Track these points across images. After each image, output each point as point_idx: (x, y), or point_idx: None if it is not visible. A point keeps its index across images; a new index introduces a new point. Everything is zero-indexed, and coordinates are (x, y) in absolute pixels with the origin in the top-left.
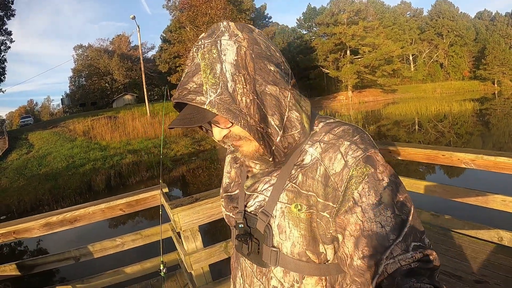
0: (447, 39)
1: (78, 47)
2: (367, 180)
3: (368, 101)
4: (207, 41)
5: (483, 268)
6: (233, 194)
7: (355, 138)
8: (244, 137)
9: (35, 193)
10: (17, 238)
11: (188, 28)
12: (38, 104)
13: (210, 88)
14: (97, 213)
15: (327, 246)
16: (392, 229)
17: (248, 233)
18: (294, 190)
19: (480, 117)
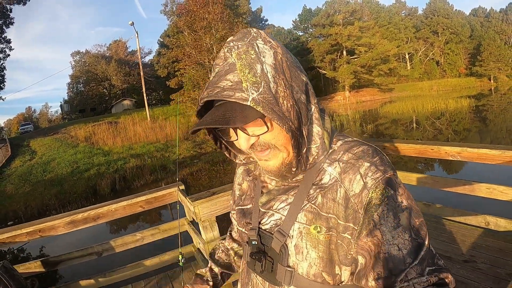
0: (443, 36)
1: (76, 53)
2: (386, 202)
3: (365, 100)
4: (241, 43)
5: (471, 249)
6: (245, 208)
7: (374, 159)
8: (273, 146)
9: (41, 199)
10: (43, 236)
11: (186, 33)
12: (36, 111)
13: (251, 86)
14: (118, 210)
15: (344, 267)
16: (409, 253)
17: (262, 251)
18: (313, 211)
19: (477, 113)
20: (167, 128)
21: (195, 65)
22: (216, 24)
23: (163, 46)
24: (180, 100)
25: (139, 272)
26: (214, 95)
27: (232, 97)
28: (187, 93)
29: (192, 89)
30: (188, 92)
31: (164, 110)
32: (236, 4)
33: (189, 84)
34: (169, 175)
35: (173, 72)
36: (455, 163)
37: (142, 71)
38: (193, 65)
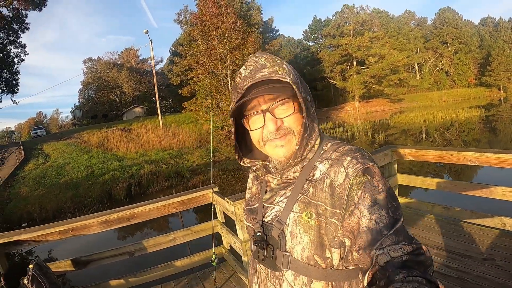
0: (452, 47)
1: (88, 60)
2: (364, 186)
3: (375, 111)
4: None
5: (490, 249)
6: (253, 207)
7: (356, 154)
8: (292, 131)
9: (56, 202)
10: (75, 235)
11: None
12: (47, 116)
13: (284, 73)
14: (153, 211)
15: (334, 250)
16: (385, 226)
17: (264, 240)
18: (305, 201)
19: (487, 124)
20: (180, 135)
21: (208, 74)
22: (230, 34)
23: (175, 54)
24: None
25: (169, 272)
26: (257, 79)
27: (274, 76)
28: (199, 101)
29: (205, 98)
30: (201, 101)
31: (176, 118)
32: (249, 14)
33: (202, 93)
34: (184, 182)
35: (186, 81)
36: (473, 168)
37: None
38: (206, 73)
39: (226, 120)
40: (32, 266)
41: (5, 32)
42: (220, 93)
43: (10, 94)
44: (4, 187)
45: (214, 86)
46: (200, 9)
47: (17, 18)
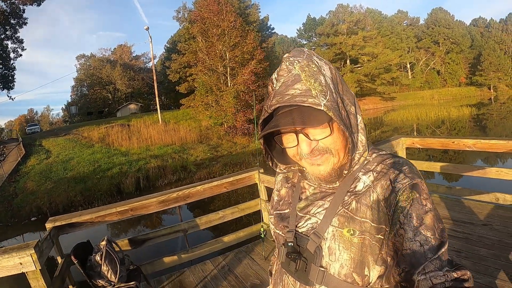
0: (444, 46)
1: (81, 56)
2: (411, 204)
3: (368, 109)
4: (300, 58)
5: (487, 218)
6: (283, 213)
7: (404, 168)
8: (329, 151)
9: (66, 195)
10: (134, 215)
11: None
12: (38, 113)
13: (319, 93)
14: (207, 190)
15: (374, 267)
16: (430, 249)
17: (297, 252)
18: (346, 215)
19: (477, 122)
20: (180, 131)
21: (207, 70)
22: (230, 32)
23: (170, 51)
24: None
25: (217, 248)
26: (286, 101)
27: (305, 102)
28: (198, 98)
29: (205, 94)
30: (201, 97)
31: (174, 114)
32: (247, 12)
33: (202, 89)
34: (191, 175)
35: (184, 77)
36: (471, 153)
37: (146, 75)
38: (206, 70)
39: (226, 117)
40: (104, 243)
41: (2, 27)
42: (220, 90)
43: (6, 90)
44: (8, 182)
45: (214, 83)
46: (198, 7)
47: (14, 13)
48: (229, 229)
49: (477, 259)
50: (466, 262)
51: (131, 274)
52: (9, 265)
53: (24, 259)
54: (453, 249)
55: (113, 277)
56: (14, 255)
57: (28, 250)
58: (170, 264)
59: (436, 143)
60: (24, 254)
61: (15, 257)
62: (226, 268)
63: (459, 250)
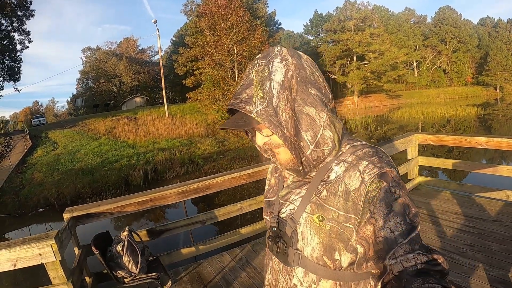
0: (450, 45)
1: (87, 49)
2: (379, 193)
3: (373, 106)
4: (262, 61)
5: (498, 214)
6: (270, 200)
7: (373, 158)
8: (282, 145)
9: (74, 187)
10: (153, 206)
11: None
12: (43, 105)
13: (259, 100)
14: (226, 182)
15: (345, 254)
16: (401, 234)
17: (278, 236)
18: (317, 202)
19: (482, 122)
20: (187, 125)
21: (215, 64)
22: (238, 26)
23: (176, 45)
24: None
25: (234, 240)
26: (235, 105)
27: (243, 108)
28: (205, 91)
29: (212, 88)
30: (208, 91)
31: (180, 107)
32: (255, 7)
33: (209, 83)
34: (198, 168)
35: (191, 71)
36: (482, 151)
37: (151, 69)
38: (214, 64)
39: None
40: (126, 233)
41: (9, 18)
42: (227, 84)
43: (13, 81)
44: (15, 173)
45: (221, 77)
46: (207, 1)
47: (21, 5)
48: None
49: (489, 253)
50: (479, 256)
51: (150, 265)
52: (27, 256)
53: (43, 250)
54: (466, 243)
55: (134, 268)
56: (33, 246)
57: (48, 240)
58: (188, 255)
59: (448, 140)
60: (44, 245)
61: (34, 248)
62: (244, 259)
63: (471, 244)
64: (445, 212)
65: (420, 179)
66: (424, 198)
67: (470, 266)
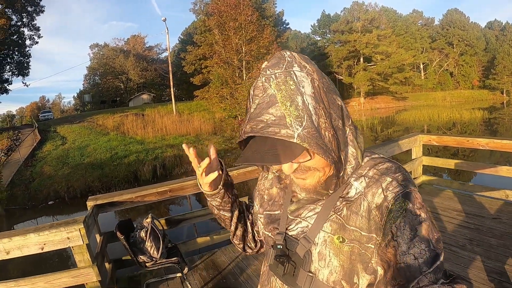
0: (458, 48)
1: (94, 45)
2: (404, 215)
3: (379, 107)
4: (278, 71)
5: (497, 212)
6: (273, 214)
7: (396, 175)
8: (313, 168)
9: (84, 180)
10: (172, 196)
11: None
12: (49, 100)
13: (295, 120)
14: (241, 175)
15: (364, 276)
16: (425, 262)
17: (286, 255)
18: (338, 222)
19: (488, 126)
20: (195, 122)
21: (223, 63)
22: (247, 26)
23: (184, 43)
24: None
25: None
26: (259, 131)
27: (277, 134)
28: (213, 90)
29: (220, 87)
30: (216, 90)
31: (187, 105)
32: (263, 7)
33: (217, 82)
34: None
35: (199, 69)
36: (484, 152)
37: (159, 66)
38: (222, 63)
39: (241, 109)
40: (149, 220)
41: (19, 14)
42: (235, 83)
43: (21, 76)
44: (25, 166)
45: (229, 76)
46: (216, 0)
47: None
48: None
49: (487, 247)
50: (478, 250)
51: (169, 252)
52: (55, 240)
53: (72, 234)
54: (466, 238)
55: (155, 253)
56: (62, 230)
57: (77, 225)
58: (202, 244)
59: (451, 141)
60: (72, 229)
61: (63, 232)
62: None
63: (471, 239)
64: (447, 209)
65: (424, 178)
66: (426, 196)
67: (469, 258)
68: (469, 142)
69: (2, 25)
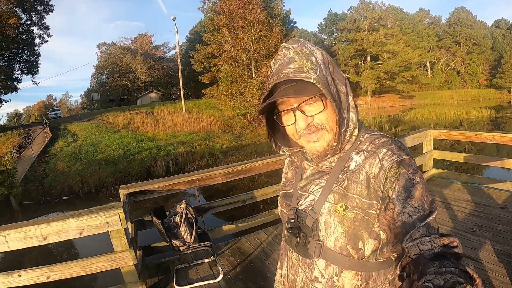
0: (464, 47)
1: (102, 44)
2: (398, 179)
3: (386, 106)
4: (295, 45)
5: (504, 202)
6: (288, 192)
7: (392, 146)
8: (324, 127)
9: (97, 176)
10: (201, 185)
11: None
12: (57, 99)
13: (311, 70)
14: (265, 166)
15: (368, 241)
16: (419, 218)
17: (297, 228)
18: (340, 192)
19: (495, 125)
20: (205, 120)
21: (232, 61)
22: (256, 24)
23: (191, 41)
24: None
25: (269, 219)
26: (282, 77)
27: (297, 76)
28: (222, 88)
29: (229, 85)
30: (225, 88)
31: (196, 103)
32: (271, 6)
33: (227, 80)
34: (218, 162)
35: (208, 67)
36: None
37: (166, 65)
38: (231, 61)
39: (250, 107)
40: (184, 206)
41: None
42: (244, 81)
43: (31, 75)
44: (37, 162)
45: (238, 74)
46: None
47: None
48: None
49: (496, 233)
50: (487, 235)
51: (200, 238)
52: (94, 224)
53: (111, 219)
54: (475, 225)
55: (189, 238)
56: (101, 215)
57: (116, 209)
58: (228, 232)
59: (460, 135)
60: (112, 214)
61: (102, 217)
62: (279, 236)
63: (480, 225)
64: (457, 199)
65: (434, 171)
66: (437, 188)
67: (479, 242)
68: (477, 136)
69: (13, 24)
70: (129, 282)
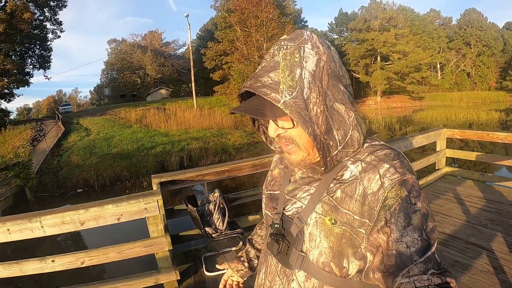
0: (475, 48)
1: (112, 41)
2: (399, 202)
3: (396, 107)
4: (291, 44)
5: None
6: (274, 194)
7: (394, 162)
8: (295, 143)
9: (112, 170)
10: (229, 176)
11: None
12: (66, 94)
13: (287, 89)
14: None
15: (353, 261)
16: (417, 251)
17: (281, 234)
18: (330, 203)
19: (505, 128)
20: (216, 117)
21: (244, 59)
22: (268, 23)
23: (202, 39)
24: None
25: None
26: (254, 89)
27: (267, 95)
28: (233, 85)
29: (241, 83)
30: (237, 85)
31: (207, 100)
32: (283, 5)
33: (238, 78)
34: (231, 158)
35: (220, 65)
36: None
37: (175, 62)
38: (243, 59)
39: None
40: (218, 194)
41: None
42: None
43: (43, 70)
44: (51, 156)
45: (250, 72)
46: None
47: None
48: None
49: (507, 226)
50: (498, 228)
51: (230, 226)
52: (133, 210)
53: (149, 205)
54: (487, 219)
55: (221, 225)
56: (140, 201)
57: (155, 196)
58: (252, 222)
59: (472, 135)
60: (150, 200)
61: (141, 203)
62: None
63: (491, 219)
64: (469, 196)
65: (447, 169)
66: (450, 185)
67: (491, 234)
68: (488, 136)
69: (26, 19)
70: (163, 267)
